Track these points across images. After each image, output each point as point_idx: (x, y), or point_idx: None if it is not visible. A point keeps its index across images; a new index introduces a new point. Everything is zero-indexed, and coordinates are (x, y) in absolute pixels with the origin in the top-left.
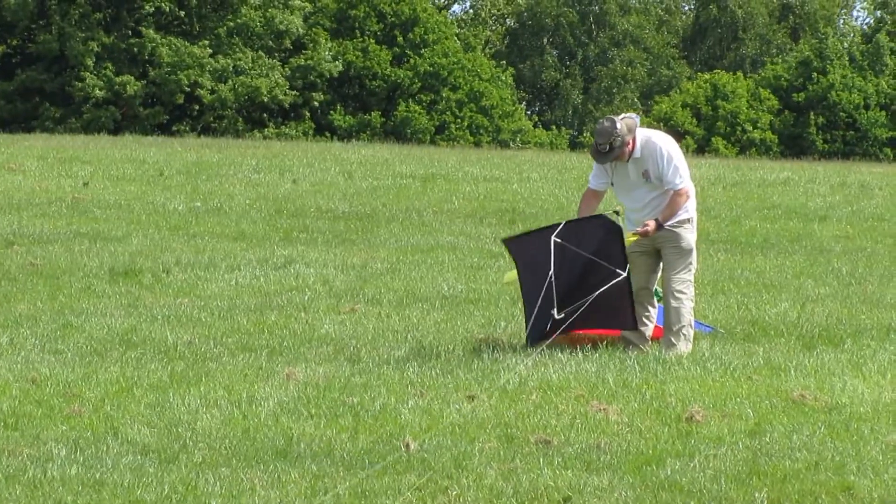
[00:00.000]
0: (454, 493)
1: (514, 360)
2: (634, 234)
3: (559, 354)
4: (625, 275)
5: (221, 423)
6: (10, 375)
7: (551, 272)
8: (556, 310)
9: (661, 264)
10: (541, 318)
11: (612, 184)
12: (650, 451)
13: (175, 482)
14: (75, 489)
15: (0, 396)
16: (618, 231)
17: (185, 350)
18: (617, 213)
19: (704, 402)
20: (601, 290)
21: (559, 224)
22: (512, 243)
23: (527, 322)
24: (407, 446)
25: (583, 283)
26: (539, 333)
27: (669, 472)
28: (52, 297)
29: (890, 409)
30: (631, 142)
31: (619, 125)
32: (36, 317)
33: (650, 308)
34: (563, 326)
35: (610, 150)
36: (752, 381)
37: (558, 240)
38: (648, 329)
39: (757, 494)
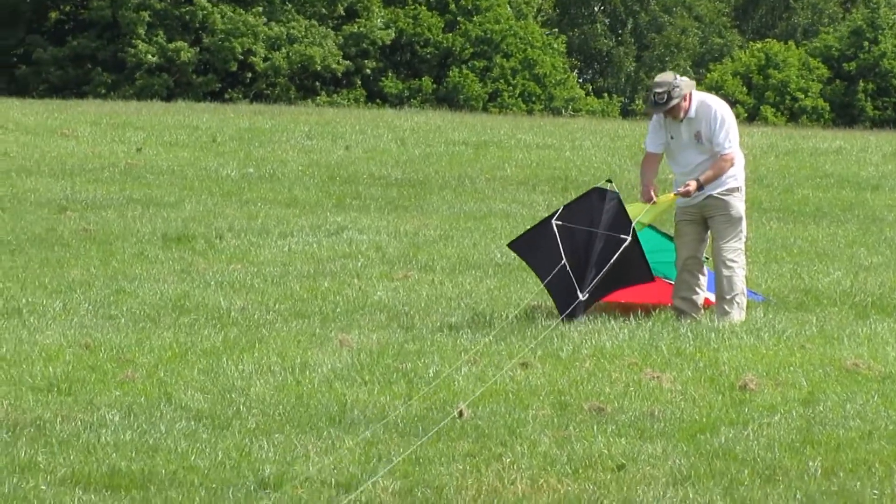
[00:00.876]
0: (508, 460)
1: (567, 327)
2: (675, 195)
3: (612, 322)
4: (629, 238)
5: (275, 389)
6: (63, 341)
7: (563, 257)
8: (579, 291)
9: (710, 233)
10: (568, 301)
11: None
12: (703, 420)
13: (229, 448)
14: (129, 454)
15: (54, 361)
16: (614, 198)
17: (238, 316)
18: (610, 181)
19: (758, 370)
20: (613, 259)
21: (555, 212)
22: (518, 245)
23: (558, 308)
24: (461, 413)
25: (595, 258)
26: (572, 313)
27: (723, 441)
28: (104, 263)
29: None
30: (687, 99)
31: (678, 78)
32: (89, 282)
33: (700, 276)
34: (591, 300)
35: (667, 101)
36: (806, 350)
37: (559, 222)
38: (700, 297)
39: (811, 463)
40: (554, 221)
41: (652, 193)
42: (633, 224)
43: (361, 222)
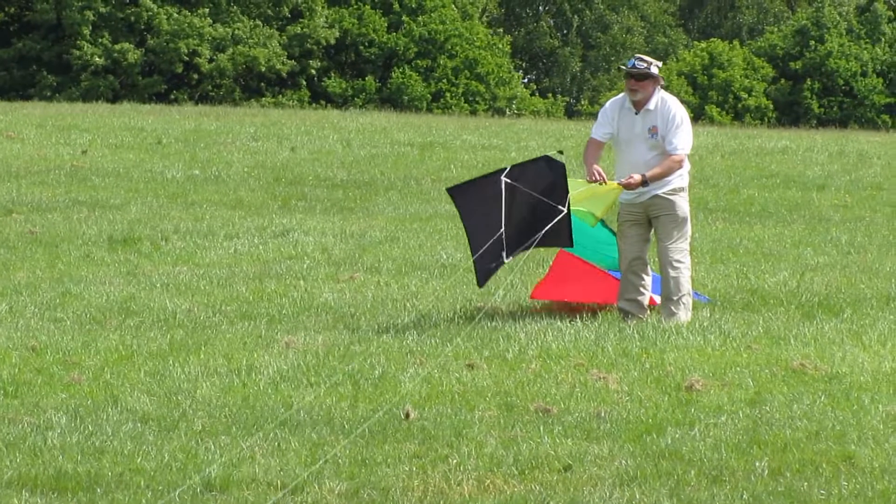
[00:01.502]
0: (454, 461)
1: (513, 328)
2: (617, 184)
3: (558, 323)
4: (565, 210)
5: (221, 391)
6: (9, 343)
7: (503, 215)
8: (505, 252)
9: (655, 234)
10: (490, 259)
11: (613, 135)
12: (650, 420)
13: (175, 450)
14: (75, 457)
15: (0, 364)
16: (561, 169)
17: (184, 318)
18: (561, 152)
19: (704, 371)
20: (546, 228)
21: (504, 168)
22: (457, 191)
23: (475, 265)
24: (407, 415)
25: (529, 223)
26: (489, 273)
27: (670, 441)
28: (51, 265)
29: (890, 379)
30: (653, 89)
31: (659, 65)
32: (35, 285)
33: (645, 277)
34: (510, 259)
35: (643, 78)
36: (752, 351)
37: (508, 180)
38: (645, 298)
39: (757, 463)
40: (504, 179)
41: (597, 175)
42: (568, 196)
43: (307, 224)
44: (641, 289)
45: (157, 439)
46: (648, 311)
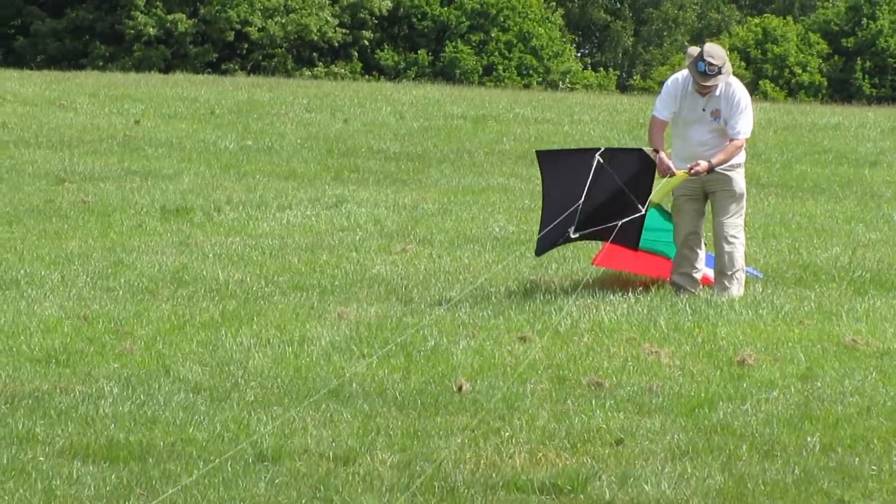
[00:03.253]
0: (506, 434)
1: (565, 301)
2: (684, 173)
3: (610, 297)
4: (643, 212)
5: (273, 361)
6: (61, 312)
7: (585, 191)
8: (573, 229)
9: (711, 209)
10: (556, 232)
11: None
12: (702, 395)
13: (227, 420)
14: (127, 426)
15: (52, 333)
16: (651, 167)
17: (236, 289)
18: (657, 151)
19: (756, 346)
20: (621, 221)
21: (599, 148)
22: (547, 157)
23: (541, 231)
24: (459, 388)
25: (606, 210)
26: (549, 245)
27: (721, 416)
28: (103, 235)
29: None
30: (722, 82)
31: (726, 56)
32: (87, 254)
33: (699, 252)
34: (564, 240)
35: (716, 74)
36: (804, 326)
37: (601, 160)
38: (698, 273)
39: (809, 439)
40: (597, 157)
41: (666, 168)
42: (649, 199)
43: (360, 195)
44: (695, 264)
45: (209, 409)
46: (701, 286)
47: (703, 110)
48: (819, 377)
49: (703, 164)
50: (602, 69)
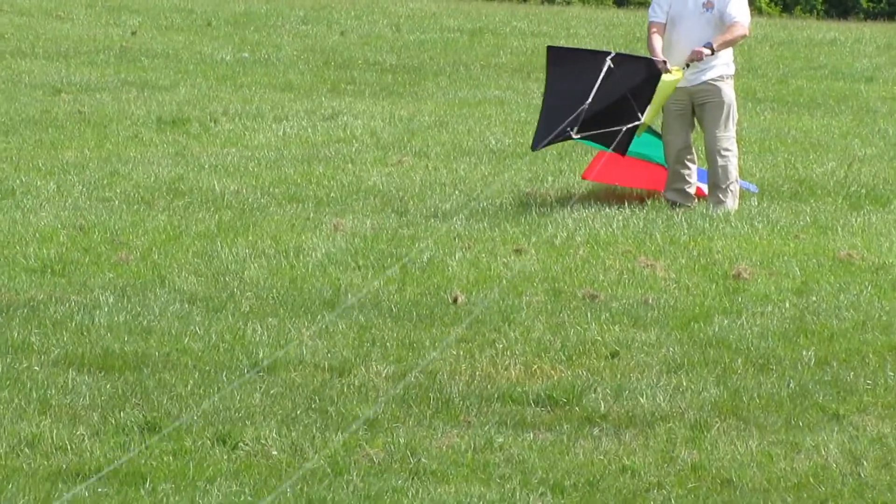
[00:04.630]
0: (501, 346)
1: (561, 214)
2: (680, 69)
3: (606, 209)
4: (641, 121)
5: (269, 272)
6: (57, 222)
7: (593, 92)
8: (575, 129)
9: (701, 122)
10: (555, 128)
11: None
12: (697, 308)
13: (222, 331)
14: (122, 336)
15: (48, 243)
16: (656, 78)
17: (232, 199)
18: (665, 62)
19: (751, 259)
20: (619, 128)
21: (610, 52)
22: (558, 53)
23: (539, 126)
24: (455, 299)
25: (608, 114)
26: (546, 141)
27: (717, 329)
28: (99, 145)
29: None
30: None
31: None
32: (83, 164)
33: (691, 166)
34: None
35: None
36: (799, 240)
37: (612, 65)
38: (692, 188)
39: (804, 353)
40: (609, 61)
41: (661, 65)
42: (648, 109)
43: (356, 108)
44: (688, 178)
45: (205, 320)
46: (696, 200)
47: (693, 2)
48: (814, 291)
49: (705, 49)
50: None
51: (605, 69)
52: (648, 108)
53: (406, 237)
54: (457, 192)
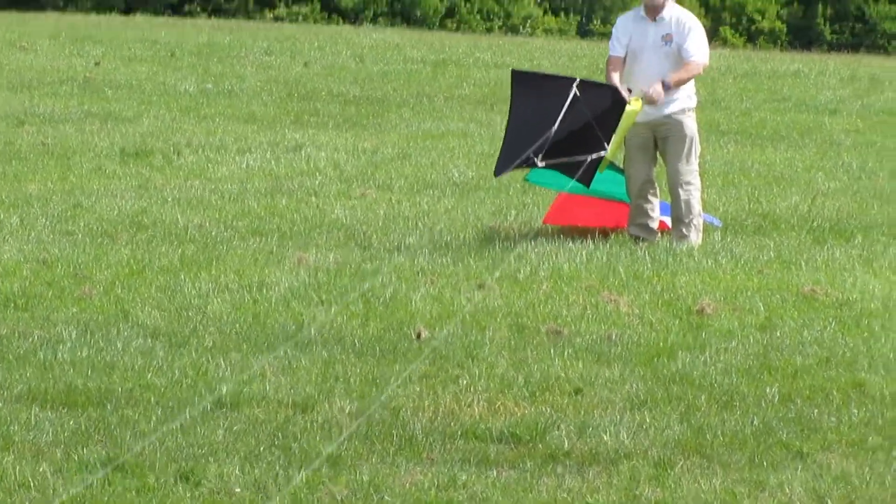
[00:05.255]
0: (465, 382)
1: (524, 248)
2: (638, 100)
3: (570, 244)
4: (604, 153)
5: (232, 307)
6: (20, 256)
7: (558, 120)
8: (540, 157)
9: (663, 156)
10: (519, 154)
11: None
12: (661, 344)
13: (185, 366)
14: (85, 372)
15: (10, 277)
16: (621, 108)
17: (195, 233)
18: (630, 90)
19: (715, 295)
20: (583, 158)
21: (576, 78)
22: (523, 77)
23: (502, 153)
24: (418, 335)
25: (573, 142)
26: (509, 168)
27: (680, 365)
28: (62, 178)
29: None
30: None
31: None
32: (46, 197)
33: (654, 200)
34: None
35: None
36: (763, 275)
37: (577, 92)
38: (655, 223)
39: (768, 389)
40: (574, 87)
41: (625, 94)
42: (613, 140)
43: (319, 139)
44: (651, 212)
45: (168, 355)
46: (659, 235)
47: (654, 38)
48: (778, 327)
49: (658, 86)
50: (562, 13)
51: (570, 96)
52: (612, 139)
53: (369, 271)
54: (420, 226)
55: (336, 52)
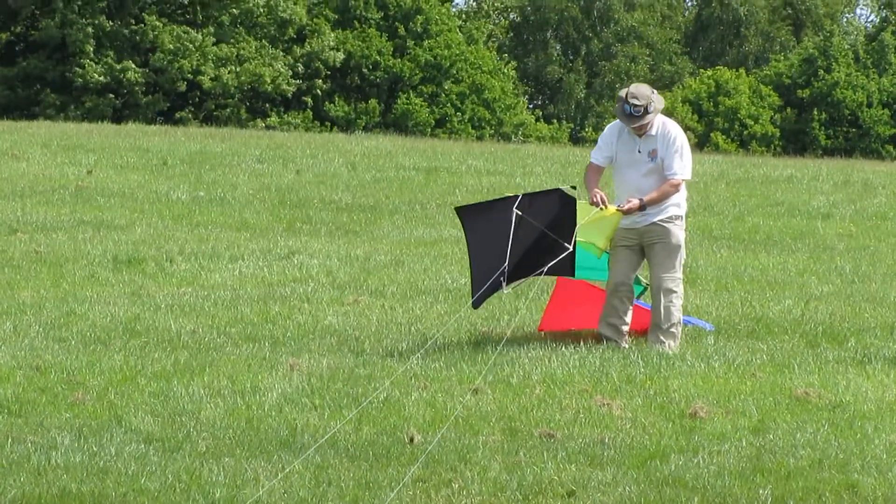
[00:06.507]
0: (458, 486)
1: (517, 353)
2: (616, 209)
3: (562, 349)
4: (570, 249)
5: (225, 412)
6: (14, 362)
7: (509, 245)
8: (505, 281)
9: (648, 261)
10: (489, 284)
11: (612, 158)
12: (654, 447)
13: (179, 471)
14: (79, 477)
15: (4, 383)
16: (572, 204)
17: (188, 339)
18: (574, 187)
19: (708, 398)
20: (550, 264)
21: (517, 196)
22: (466, 212)
23: (474, 288)
24: (411, 439)
25: (533, 255)
26: (484, 298)
27: (673, 468)
28: (55, 285)
29: (894, 408)
30: (654, 118)
31: (655, 93)
32: (40, 304)
33: (628, 304)
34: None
35: (643, 115)
36: (756, 378)
37: (519, 212)
38: (626, 325)
39: (761, 491)
40: (515, 209)
41: (599, 199)
42: (575, 233)
43: (312, 247)
44: (623, 314)
45: (161, 460)
46: (627, 338)
47: (639, 152)
48: (771, 430)
49: (635, 202)
50: (555, 121)
51: (513, 220)
52: (601, 237)
53: (363, 377)
54: (413, 332)
55: (328, 159)
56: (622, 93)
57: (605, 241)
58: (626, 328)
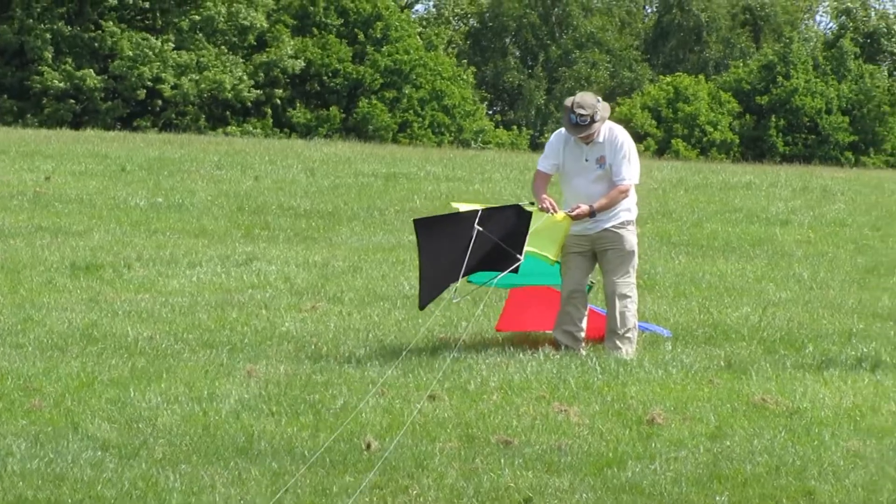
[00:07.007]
0: (415, 492)
1: (475, 360)
2: (565, 214)
3: (520, 355)
4: (522, 260)
5: (182, 419)
6: None
7: (466, 259)
8: (456, 292)
9: (601, 267)
10: (438, 285)
11: (559, 166)
12: (611, 454)
13: (135, 478)
14: (35, 484)
15: None
16: (527, 220)
17: (145, 346)
18: (532, 203)
19: (665, 404)
20: (501, 274)
21: (478, 211)
22: (425, 223)
23: (422, 287)
24: (368, 445)
25: (484, 262)
26: (430, 300)
27: (630, 475)
28: (12, 291)
29: (851, 414)
30: (601, 126)
31: (600, 101)
32: None
33: (582, 310)
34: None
35: (589, 124)
36: (714, 385)
37: (480, 228)
38: (581, 332)
39: (718, 498)
40: (476, 226)
41: (549, 205)
42: (525, 243)
43: (270, 253)
44: (578, 321)
45: (118, 467)
46: (583, 344)
47: (587, 160)
48: (728, 436)
49: (584, 208)
50: (515, 127)
51: (474, 235)
52: (552, 246)
53: (320, 383)
54: (371, 338)
55: (287, 165)
56: (567, 102)
57: (557, 250)
58: (581, 335)
